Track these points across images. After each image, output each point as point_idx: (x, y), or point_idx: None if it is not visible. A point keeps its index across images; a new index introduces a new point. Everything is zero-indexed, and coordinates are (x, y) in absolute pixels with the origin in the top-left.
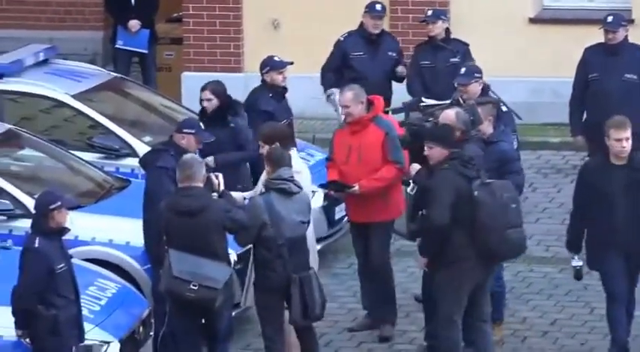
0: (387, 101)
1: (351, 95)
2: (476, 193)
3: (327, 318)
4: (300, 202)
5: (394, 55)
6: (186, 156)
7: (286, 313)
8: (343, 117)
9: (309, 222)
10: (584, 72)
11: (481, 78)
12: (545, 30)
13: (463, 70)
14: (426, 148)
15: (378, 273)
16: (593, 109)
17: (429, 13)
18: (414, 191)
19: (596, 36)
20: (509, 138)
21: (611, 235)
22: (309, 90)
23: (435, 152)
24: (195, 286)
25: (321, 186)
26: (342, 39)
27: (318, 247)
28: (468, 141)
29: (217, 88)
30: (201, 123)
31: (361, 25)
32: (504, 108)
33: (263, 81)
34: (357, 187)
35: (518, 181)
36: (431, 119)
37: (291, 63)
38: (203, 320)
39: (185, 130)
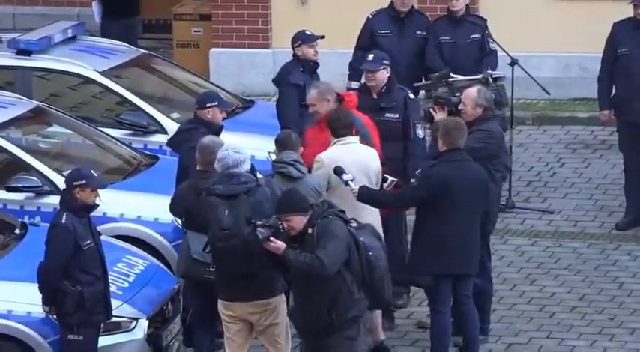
0: (417, 79)
1: (316, 93)
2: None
3: None
4: (304, 187)
5: (423, 34)
6: (206, 141)
7: None
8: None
9: None
10: (613, 47)
11: (389, 65)
12: (574, 5)
13: (371, 56)
14: (284, 223)
15: None
16: (621, 84)
17: None
18: (390, 187)
19: (624, 11)
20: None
21: None
22: (338, 66)
23: (296, 222)
24: (213, 268)
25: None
26: (370, 16)
27: None
28: (489, 120)
29: None
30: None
31: (391, 3)
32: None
33: (294, 55)
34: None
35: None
36: (458, 94)
37: (323, 37)
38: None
39: (208, 105)
